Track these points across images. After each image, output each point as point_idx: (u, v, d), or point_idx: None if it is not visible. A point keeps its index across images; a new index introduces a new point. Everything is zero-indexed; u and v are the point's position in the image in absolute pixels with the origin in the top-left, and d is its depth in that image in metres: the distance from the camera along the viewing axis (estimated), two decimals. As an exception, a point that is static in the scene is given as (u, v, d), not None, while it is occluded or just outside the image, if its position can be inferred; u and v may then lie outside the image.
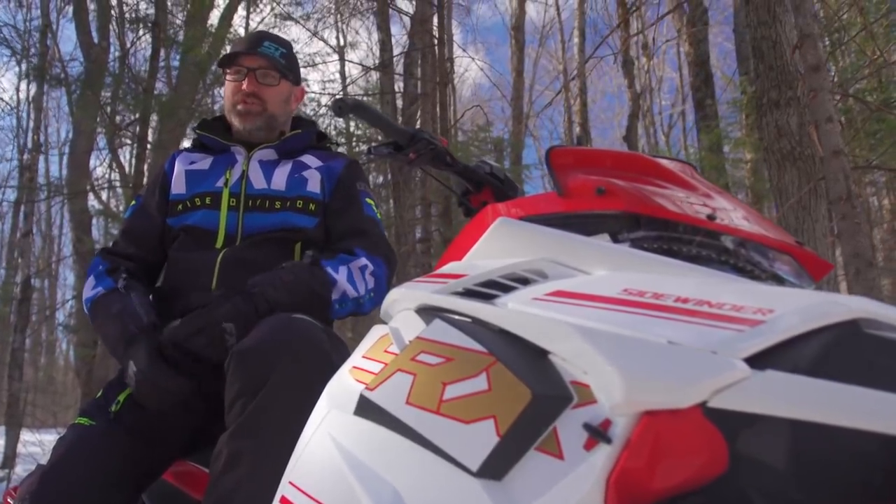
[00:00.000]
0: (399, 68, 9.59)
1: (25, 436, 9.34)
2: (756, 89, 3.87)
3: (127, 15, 8.17)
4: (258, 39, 1.84)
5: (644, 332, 0.73)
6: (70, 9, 9.17)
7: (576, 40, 13.39)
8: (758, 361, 0.68)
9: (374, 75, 11.92)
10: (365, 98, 11.69)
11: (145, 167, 7.51)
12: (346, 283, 1.60)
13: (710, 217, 0.93)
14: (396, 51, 9.82)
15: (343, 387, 0.97)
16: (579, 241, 0.94)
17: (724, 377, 0.66)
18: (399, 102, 9.87)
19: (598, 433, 0.69)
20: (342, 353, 1.44)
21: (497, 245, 1.02)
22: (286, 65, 1.84)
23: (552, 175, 1.04)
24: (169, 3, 8.23)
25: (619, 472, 0.67)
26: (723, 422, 0.66)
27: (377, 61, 10.32)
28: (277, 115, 1.84)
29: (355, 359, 1.03)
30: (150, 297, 1.70)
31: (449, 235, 7.78)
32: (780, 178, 3.63)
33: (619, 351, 0.71)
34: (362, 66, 11.15)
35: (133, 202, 1.88)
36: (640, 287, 0.81)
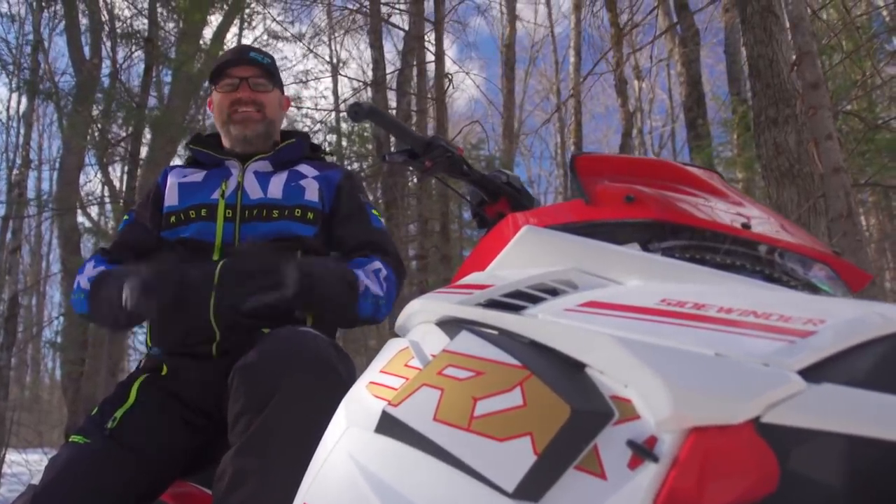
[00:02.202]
0: (392, 86, 9.60)
1: (11, 456, 9.15)
2: (753, 107, 3.88)
3: (119, 30, 8.14)
4: (243, 50, 1.84)
5: (688, 343, 0.70)
6: (62, 24, 9.14)
7: (571, 59, 13.46)
8: (811, 374, 0.64)
9: (366, 93, 11.95)
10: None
11: (137, 184, 7.44)
12: (366, 279, 1.58)
13: (745, 226, 0.89)
14: (389, 69, 9.85)
15: (361, 403, 0.93)
16: (610, 250, 0.90)
17: (779, 391, 0.63)
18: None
19: (643, 451, 0.65)
20: (349, 368, 1.40)
21: (523, 254, 0.98)
22: (275, 72, 1.84)
23: (578, 183, 1.00)
24: (161, 19, 8.21)
25: (668, 492, 0.63)
26: (774, 438, 0.63)
27: (369, 79, 10.35)
28: (275, 121, 1.82)
29: (372, 374, 0.98)
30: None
31: (446, 252, 7.75)
32: (778, 196, 3.62)
33: (665, 363, 0.68)
34: (360, 81, 11.16)
35: (125, 217, 1.84)
36: (679, 297, 0.77)
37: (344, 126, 12.77)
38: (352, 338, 12.60)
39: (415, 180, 9.99)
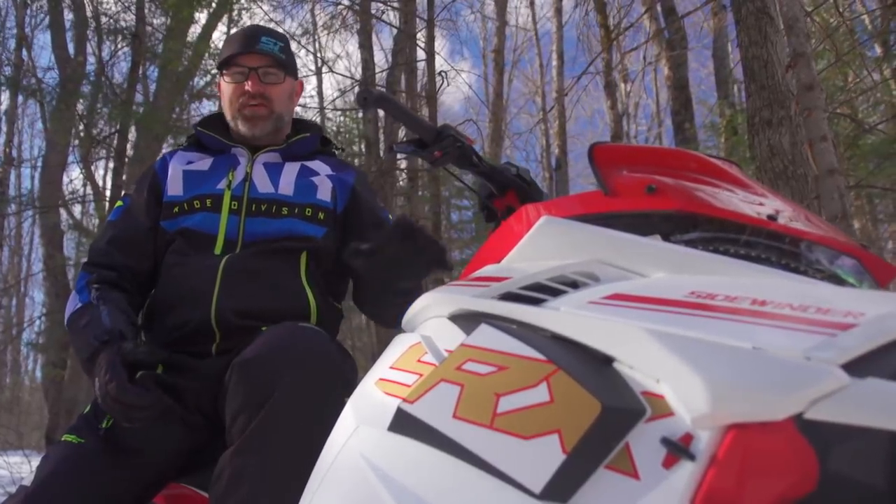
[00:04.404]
0: (381, 84, 9.56)
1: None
2: (747, 109, 3.88)
3: (106, 26, 8.04)
4: (254, 35, 1.72)
5: (723, 336, 0.67)
6: (47, 20, 9.00)
7: (554, 63, 13.49)
8: (854, 368, 0.62)
9: (352, 95, 11.92)
10: (345, 115, 11.68)
11: (123, 181, 7.34)
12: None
13: (771, 217, 0.87)
14: (378, 70, 9.81)
15: (371, 400, 0.89)
16: (633, 242, 0.87)
17: (822, 386, 0.60)
18: (381, 122, 9.84)
19: (679, 449, 0.62)
20: (350, 364, 1.36)
21: (541, 246, 0.95)
22: (286, 60, 1.73)
23: (597, 173, 0.97)
24: (149, 14, 8.12)
25: (706, 492, 0.60)
26: (815, 435, 0.60)
27: (357, 78, 10.30)
28: (284, 115, 1.73)
29: (381, 370, 0.94)
30: (130, 305, 1.55)
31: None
32: (772, 197, 3.61)
33: (700, 357, 0.65)
34: (349, 77, 11.10)
35: (119, 203, 1.73)
36: (709, 289, 0.74)
37: (331, 126, 12.72)
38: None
39: (403, 181, 9.95)
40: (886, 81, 8.56)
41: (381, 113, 9.55)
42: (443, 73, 6.72)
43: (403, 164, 9.61)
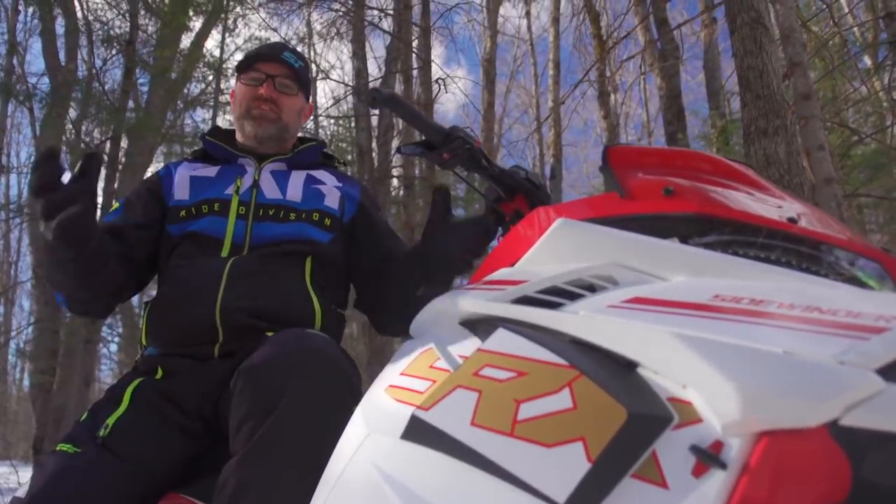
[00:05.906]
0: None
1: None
2: (743, 118, 3.88)
3: (99, 33, 8.00)
4: (279, 48, 1.77)
5: (752, 340, 0.65)
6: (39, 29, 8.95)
7: (550, 72, 13.52)
8: (888, 372, 0.60)
9: (345, 104, 11.98)
10: (339, 124, 11.67)
11: (115, 189, 7.29)
12: None
13: (792, 220, 0.85)
14: (371, 80, 9.78)
15: (382, 407, 0.86)
16: (651, 244, 0.85)
17: (858, 391, 0.58)
18: (375, 130, 9.83)
19: (709, 457, 0.60)
20: (356, 371, 1.33)
21: (557, 249, 0.92)
22: (304, 77, 1.77)
23: (612, 175, 0.95)
24: (143, 20, 8.09)
25: (738, 501, 0.58)
26: (849, 442, 0.58)
27: (351, 88, 10.30)
28: (290, 127, 1.74)
29: (390, 377, 0.92)
30: (120, 259, 1.54)
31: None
32: (768, 206, 3.60)
33: (730, 361, 0.63)
34: (343, 83, 11.10)
35: (115, 206, 1.69)
36: (733, 293, 0.72)
37: (324, 134, 12.71)
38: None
39: (396, 188, 9.94)
40: (877, 93, 8.64)
41: (374, 122, 9.59)
42: (440, 81, 6.71)
43: (398, 172, 9.60)
